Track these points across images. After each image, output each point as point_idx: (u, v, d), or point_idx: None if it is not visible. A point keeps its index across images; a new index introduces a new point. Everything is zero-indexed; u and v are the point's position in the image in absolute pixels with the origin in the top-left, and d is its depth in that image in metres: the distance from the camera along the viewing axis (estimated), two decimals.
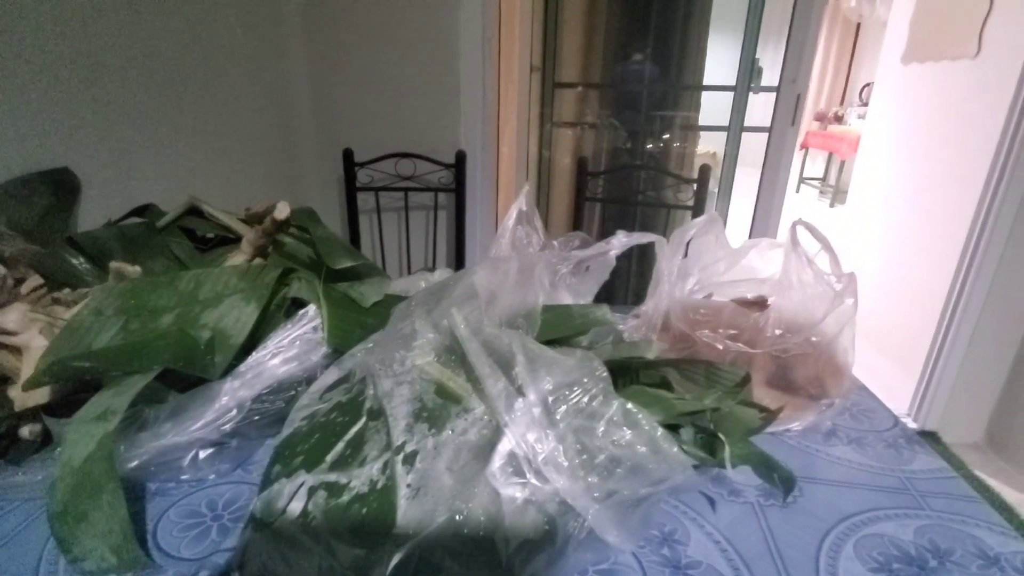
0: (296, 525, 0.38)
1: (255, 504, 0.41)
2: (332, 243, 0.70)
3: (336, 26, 1.70)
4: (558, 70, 2.07)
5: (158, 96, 1.21)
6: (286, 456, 0.44)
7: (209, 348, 0.54)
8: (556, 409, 0.38)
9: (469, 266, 0.93)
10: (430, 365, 0.47)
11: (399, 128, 1.78)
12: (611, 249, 0.71)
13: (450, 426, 0.41)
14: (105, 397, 0.48)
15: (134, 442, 0.49)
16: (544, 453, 0.37)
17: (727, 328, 0.58)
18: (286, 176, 1.74)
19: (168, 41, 1.23)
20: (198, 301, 0.60)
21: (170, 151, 1.25)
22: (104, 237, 0.76)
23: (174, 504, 0.51)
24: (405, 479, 0.38)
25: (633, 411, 0.37)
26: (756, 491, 0.54)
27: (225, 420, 0.51)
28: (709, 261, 0.74)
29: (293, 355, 0.59)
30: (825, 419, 0.64)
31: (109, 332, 0.55)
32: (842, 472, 0.58)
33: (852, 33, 5.57)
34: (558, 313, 0.62)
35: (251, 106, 1.53)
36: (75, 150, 1.03)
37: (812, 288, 0.58)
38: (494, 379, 0.41)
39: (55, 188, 0.99)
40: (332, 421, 0.46)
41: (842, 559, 0.47)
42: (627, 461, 0.37)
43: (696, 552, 0.47)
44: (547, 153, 2.19)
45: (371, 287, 0.70)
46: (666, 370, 0.54)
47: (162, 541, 0.48)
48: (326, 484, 0.40)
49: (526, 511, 0.37)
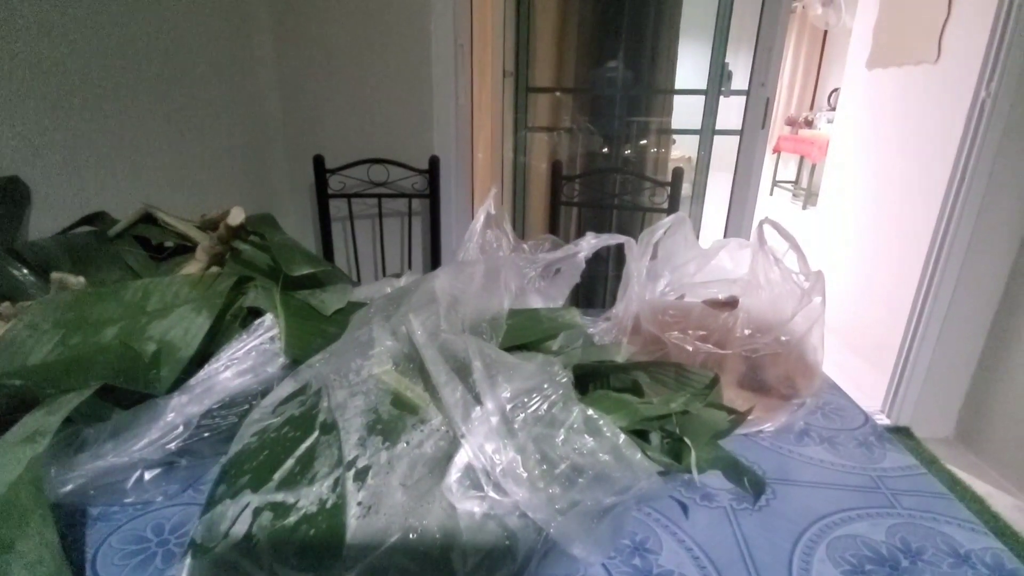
0: (239, 550, 0.36)
1: (195, 528, 0.39)
2: (290, 249, 0.67)
3: (307, 31, 1.67)
4: (531, 75, 2.07)
5: (121, 102, 1.16)
6: (232, 475, 0.42)
7: (154, 362, 0.51)
8: (515, 417, 0.36)
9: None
10: (387, 374, 0.45)
11: (371, 134, 1.75)
12: (580, 251, 0.70)
13: (405, 438, 0.39)
14: (36, 417, 0.44)
15: (70, 464, 0.46)
16: (502, 464, 0.35)
17: (696, 329, 0.57)
18: (257, 184, 1.70)
19: (132, 45, 1.18)
20: (145, 312, 0.57)
21: (134, 159, 1.20)
22: (50, 247, 0.72)
23: (117, 529, 0.48)
24: (356, 496, 0.36)
25: (594, 417, 0.36)
26: (729, 495, 0.53)
27: (171, 438, 0.48)
28: (680, 262, 0.73)
29: (248, 367, 0.56)
30: (797, 419, 0.63)
31: (45, 347, 0.51)
32: (815, 472, 0.57)
33: (820, 40, 5.71)
34: (526, 317, 0.61)
35: (219, 112, 1.49)
36: (26, 158, 0.98)
37: (780, 287, 0.57)
38: (451, 387, 0.39)
39: (1, 198, 0.94)
40: (283, 436, 0.44)
41: (815, 562, 0.46)
42: (590, 470, 0.35)
43: (668, 561, 0.46)
44: (522, 158, 2.18)
45: (333, 294, 0.67)
46: (636, 374, 0.53)
47: (101, 570, 0.44)
48: (272, 504, 0.38)
49: (485, 526, 0.35)
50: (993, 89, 1.63)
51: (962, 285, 1.81)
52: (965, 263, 1.79)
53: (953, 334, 1.87)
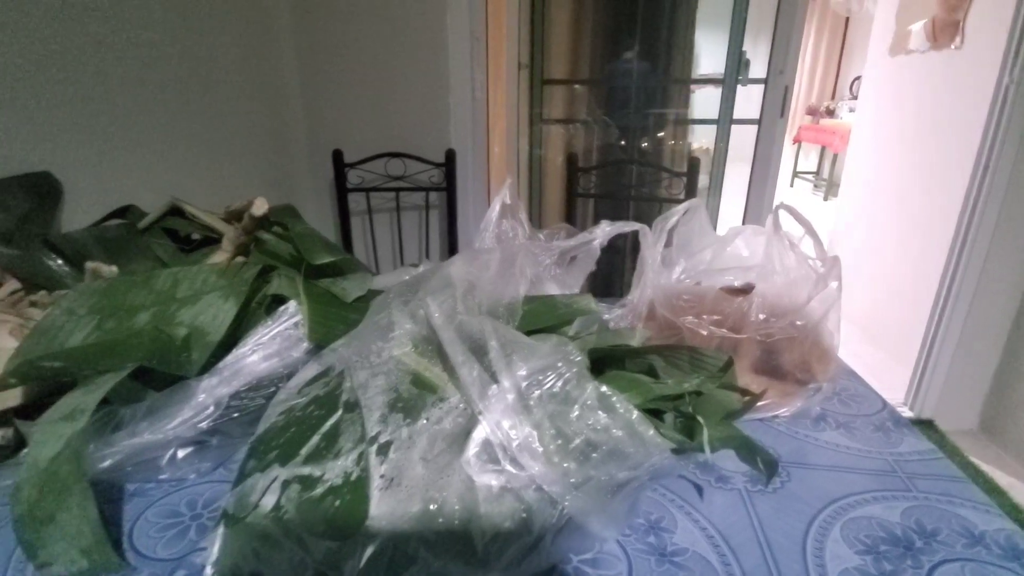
0: (268, 519, 0.37)
1: (227, 500, 0.41)
2: (312, 239, 0.69)
3: (325, 27, 1.69)
4: (546, 67, 2.07)
5: (146, 99, 1.19)
6: (260, 451, 0.43)
7: (185, 345, 0.53)
8: (530, 394, 0.37)
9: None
10: (407, 355, 0.46)
11: (389, 128, 1.77)
12: (595, 239, 0.71)
13: (425, 415, 0.40)
14: (75, 396, 0.47)
15: (108, 442, 0.48)
16: (519, 439, 0.36)
17: (711, 314, 0.57)
18: (277, 178, 1.73)
19: (156, 43, 1.21)
20: (175, 299, 0.59)
21: (158, 154, 1.24)
22: (83, 239, 0.75)
23: (152, 504, 0.50)
24: (379, 470, 0.38)
25: (608, 394, 0.36)
26: (744, 478, 0.53)
27: (202, 417, 0.50)
28: (695, 249, 0.73)
29: (274, 351, 0.58)
30: (814, 404, 0.63)
31: (82, 332, 0.54)
32: (830, 456, 0.58)
33: (841, 27, 5.58)
34: (542, 303, 0.62)
35: (241, 108, 1.52)
36: (58, 154, 1.02)
37: (796, 272, 0.57)
38: (468, 367, 0.40)
39: (34, 192, 0.97)
40: (308, 415, 0.45)
41: (829, 542, 0.47)
42: (603, 445, 0.36)
43: (682, 539, 0.46)
44: (538, 150, 2.18)
45: (353, 282, 0.69)
46: (652, 357, 0.54)
47: (138, 542, 0.47)
48: (299, 477, 0.39)
49: (502, 499, 0.36)
50: (1017, 75, 1.59)
51: (986, 276, 1.77)
52: (989, 254, 1.75)
53: (977, 325, 1.84)
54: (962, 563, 0.45)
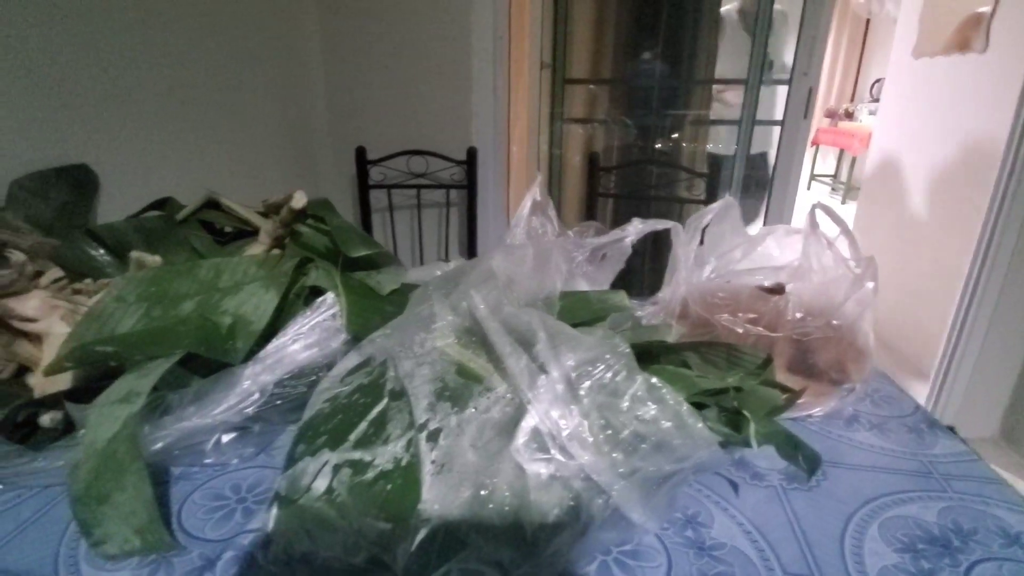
0: (322, 501, 0.38)
1: (279, 482, 0.42)
2: (349, 232, 0.70)
3: (351, 26, 1.71)
4: (568, 66, 2.07)
5: (174, 95, 1.22)
6: (309, 436, 0.44)
7: (230, 334, 0.55)
8: (579, 385, 0.38)
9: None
10: (450, 347, 0.47)
11: (411, 125, 1.78)
12: (627, 236, 0.71)
13: (472, 404, 0.41)
14: (128, 380, 0.48)
15: (157, 425, 0.49)
16: (569, 429, 0.37)
17: (747, 312, 0.57)
18: (300, 174, 1.75)
19: (184, 40, 1.24)
20: (218, 289, 0.61)
21: (185, 150, 1.26)
22: (124, 229, 0.77)
23: (198, 487, 0.52)
24: (429, 456, 0.38)
25: (658, 386, 0.37)
26: (779, 475, 0.53)
27: (247, 404, 0.51)
28: (725, 248, 0.73)
29: (313, 341, 0.59)
30: (847, 405, 0.63)
31: (131, 318, 0.55)
32: (865, 456, 0.58)
33: (862, 29, 5.53)
34: (576, 299, 0.62)
35: (265, 105, 1.54)
36: (94, 147, 1.04)
37: (832, 271, 0.57)
38: (516, 357, 0.41)
39: (72, 184, 1.00)
40: (354, 402, 0.46)
41: (867, 540, 0.47)
42: (652, 437, 0.36)
43: (720, 534, 0.47)
44: (558, 150, 2.19)
45: (388, 276, 0.70)
46: (686, 354, 0.54)
47: (186, 523, 0.48)
48: (350, 462, 0.40)
49: (551, 487, 0.37)
50: None
51: (1010, 282, 1.75)
52: (1013, 260, 1.73)
53: (1000, 333, 1.81)
54: (999, 562, 0.45)
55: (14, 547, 0.45)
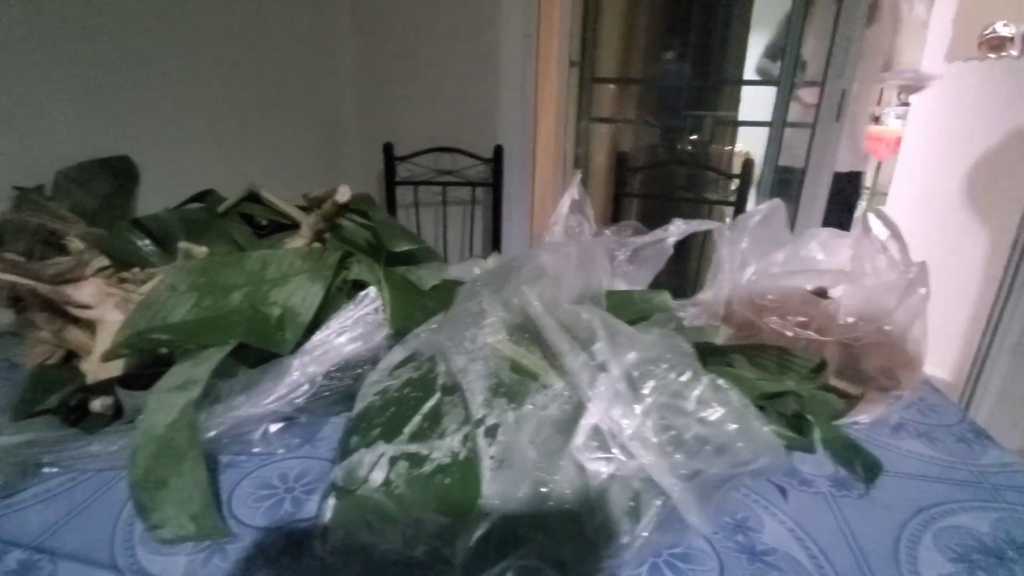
0: (380, 493, 0.39)
1: (335, 473, 0.42)
2: (392, 227, 0.71)
3: (380, 22, 1.72)
4: (597, 65, 2.06)
5: (207, 91, 1.24)
6: (363, 428, 0.45)
7: (279, 325, 0.55)
8: (641, 384, 0.38)
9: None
10: (501, 343, 0.47)
11: (438, 122, 1.79)
12: (669, 237, 0.71)
13: (530, 401, 0.41)
14: (184, 368, 0.49)
15: (210, 413, 0.50)
16: (631, 428, 0.36)
17: (796, 315, 0.57)
18: (328, 170, 1.77)
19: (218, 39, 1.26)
20: (265, 280, 0.61)
21: (216, 144, 1.28)
22: (168, 220, 0.78)
23: (246, 476, 0.52)
24: (488, 451, 0.38)
25: (724, 387, 0.37)
26: (827, 481, 0.53)
27: (298, 394, 0.52)
28: (768, 250, 0.72)
29: (357, 335, 0.59)
30: (893, 412, 0.62)
31: (183, 307, 0.56)
32: (913, 465, 0.57)
33: None
34: (619, 299, 0.62)
35: (295, 102, 1.56)
36: (133, 140, 1.06)
37: (885, 276, 0.56)
38: (574, 355, 0.41)
39: (115, 175, 1.02)
40: (406, 396, 0.47)
41: (921, 549, 0.46)
42: (715, 439, 0.36)
43: (771, 539, 0.46)
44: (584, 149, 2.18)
45: (428, 271, 0.70)
46: (733, 356, 0.53)
47: (237, 511, 0.48)
48: (406, 454, 0.41)
49: (610, 486, 0.37)
50: None
51: None
52: None
53: None
54: None
55: (70, 529, 0.46)
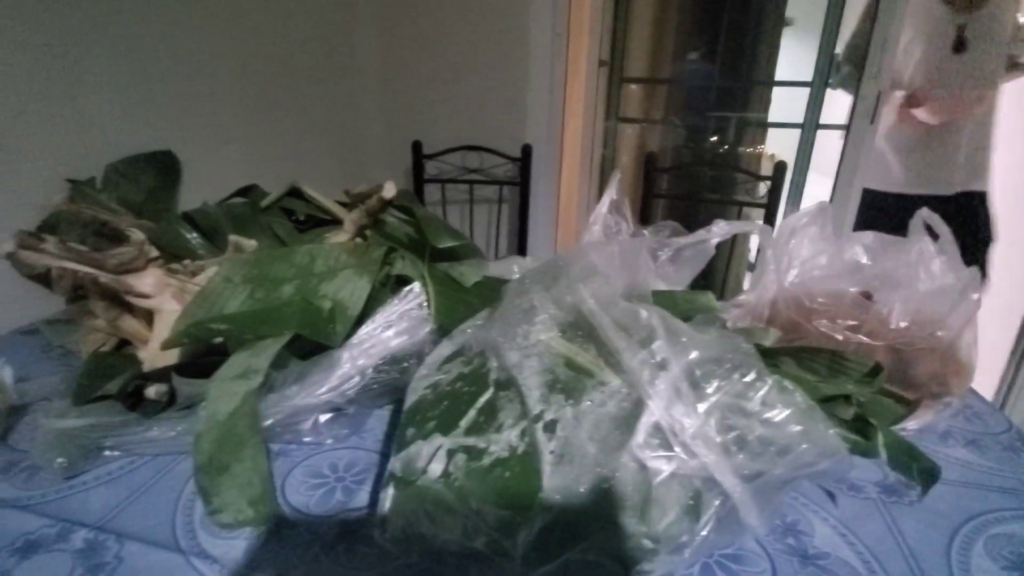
0: (440, 485, 0.39)
1: (393, 463, 0.43)
2: (435, 223, 0.72)
3: (408, 20, 1.73)
4: (627, 65, 2.05)
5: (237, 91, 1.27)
6: (417, 421, 0.45)
7: (330, 317, 0.56)
8: (703, 383, 0.38)
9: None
10: (554, 340, 0.47)
11: (467, 121, 1.80)
12: (712, 238, 0.70)
13: (587, 398, 0.41)
14: (243, 358, 0.50)
15: (266, 402, 0.51)
16: (693, 428, 0.37)
17: (846, 318, 0.56)
18: (357, 167, 1.78)
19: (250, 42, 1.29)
20: (314, 274, 0.62)
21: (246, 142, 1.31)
22: (215, 214, 0.80)
23: (297, 464, 0.54)
24: (548, 446, 0.39)
25: (790, 389, 0.37)
26: (877, 487, 0.52)
27: (349, 386, 0.53)
28: (810, 253, 0.72)
29: (403, 329, 0.60)
30: (941, 420, 0.61)
31: (237, 299, 0.57)
32: (963, 473, 0.56)
33: None
34: (663, 298, 0.62)
35: (324, 99, 1.58)
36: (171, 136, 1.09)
37: (939, 281, 0.56)
38: (631, 352, 0.41)
39: (159, 169, 1.04)
40: (458, 390, 0.47)
41: (974, 556, 0.46)
42: (779, 440, 0.36)
43: (822, 543, 0.46)
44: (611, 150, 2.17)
45: (470, 268, 0.71)
46: (781, 358, 0.53)
47: (291, 497, 0.50)
48: (464, 447, 0.41)
49: (671, 485, 0.37)
50: None
51: None
52: None
53: None
54: None
55: (132, 512, 0.48)
